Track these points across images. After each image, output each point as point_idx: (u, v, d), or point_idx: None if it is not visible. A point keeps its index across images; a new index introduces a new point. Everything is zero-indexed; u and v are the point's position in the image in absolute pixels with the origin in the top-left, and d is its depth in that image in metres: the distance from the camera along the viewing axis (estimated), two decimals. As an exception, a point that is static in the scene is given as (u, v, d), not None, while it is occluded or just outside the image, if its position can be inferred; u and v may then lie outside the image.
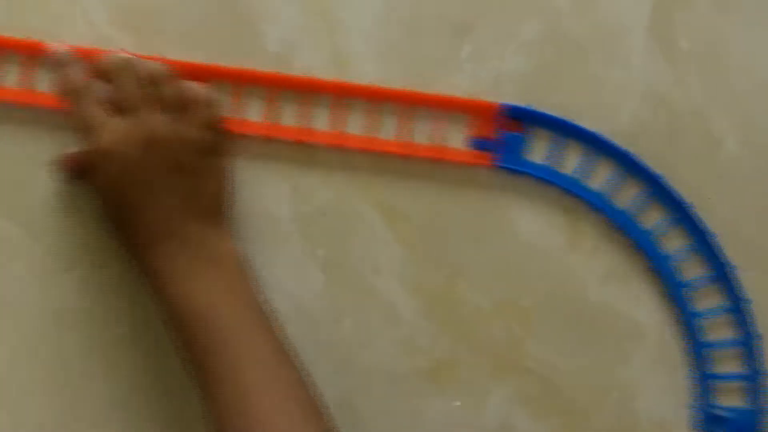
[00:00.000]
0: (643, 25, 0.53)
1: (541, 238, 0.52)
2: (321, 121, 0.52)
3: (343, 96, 0.51)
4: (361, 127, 0.52)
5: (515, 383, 0.52)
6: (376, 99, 0.52)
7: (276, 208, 0.50)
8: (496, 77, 0.52)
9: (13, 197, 0.51)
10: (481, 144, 0.52)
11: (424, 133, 0.52)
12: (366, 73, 0.52)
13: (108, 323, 0.51)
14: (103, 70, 0.48)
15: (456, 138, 0.52)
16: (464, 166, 0.52)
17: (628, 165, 0.52)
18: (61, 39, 0.52)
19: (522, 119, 0.52)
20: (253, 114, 0.51)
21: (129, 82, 0.47)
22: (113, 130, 0.46)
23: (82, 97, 0.48)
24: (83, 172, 0.49)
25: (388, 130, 0.52)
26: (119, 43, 0.52)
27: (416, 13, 0.52)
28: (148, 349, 0.51)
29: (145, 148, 0.46)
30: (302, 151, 0.52)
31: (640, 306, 0.52)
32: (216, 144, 0.48)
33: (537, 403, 0.52)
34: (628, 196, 0.52)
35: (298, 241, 0.51)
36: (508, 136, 0.52)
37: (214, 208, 0.48)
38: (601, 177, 0.52)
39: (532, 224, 0.52)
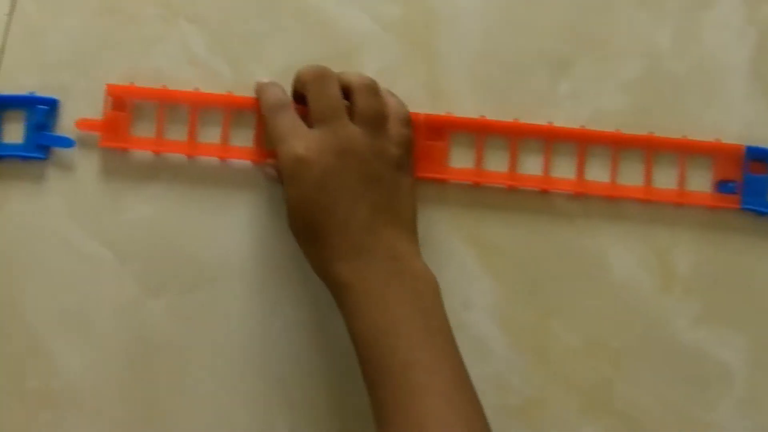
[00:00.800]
0: (743, 65, 0.52)
1: (634, 278, 0.52)
2: (564, 169, 0.52)
3: (585, 142, 0.51)
4: (602, 174, 0.52)
5: (603, 423, 0.51)
6: (618, 145, 0.51)
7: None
8: (593, 114, 0.52)
9: (105, 221, 0.52)
10: (726, 187, 0.51)
11: (666, 178, 0.52)
12: (462, 107, 0.52)
13: (192, 351, 0.51)
14: (301, 82, 0.48)
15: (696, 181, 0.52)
16: (557, 199, 0.52)
17: None
18: (156, 62, 0.52)
19: (766, 160, 0.51)
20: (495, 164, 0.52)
21: (326, 92, 0.47)
22: (309, 139, 0.46)
23: (278, 109, 0.48)
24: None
25: (630, 176, 0.52)
26: (216, 68, 0.52)
27: (516, 48, 0.52)
28: (233, 379, 0.51)
29: (340, 157, 0.45)
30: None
31: (731, 350, 0.52)
32: (406, 162, 0.48)
33: (624, 444, 0.51)
34: None
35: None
36: (752, 178, 0.51)
37: (406, 223, 0.47)
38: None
39: (625, 264, 0.52)
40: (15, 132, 0.52)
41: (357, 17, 0.52)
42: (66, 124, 0.52)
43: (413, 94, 0.52)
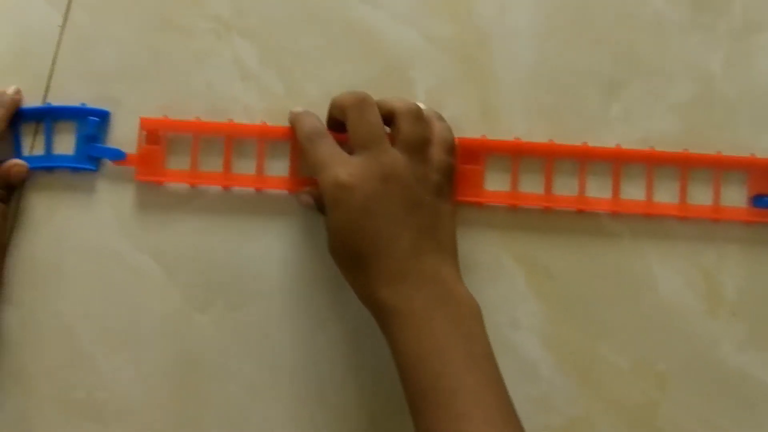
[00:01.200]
0: (794, 91, 0.52)
1: (681, 302, 0.51)
2: (601, 188, 0.52)
3: (620, 161, 0.52)
4: (637, 192, 0.52)
5: (648, 446, 0.51)
6: (652, 163, 0.52)
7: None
8: (643, 137, 0.52)
9: (154, 234, 0.52)
10: (761, 201, 0.52)
11: (701, 194, 0.52)
12: (513, 126, 0.52)
13: (235, 366, 0.51)
14: (340, 108, 0.48)
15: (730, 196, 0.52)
16: (603, 219, 0.52)
17: None
18: (207, 77, 0.52)
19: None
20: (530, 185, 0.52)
21: (366, 118, 0.47)
22: (351, 165, 0.46)
23: (316, 137, 0.48)
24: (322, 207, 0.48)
25: (666, 194, 0.52)
26: (268, 83, 0.52)
27: (567, 69, 0.52)
28: (276, 394, 0.51)
29: (383, 182, 0.45)
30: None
31: (777, 374, 0.52)
32: (446, 188, 0.48)
33: (668, 466, 0.51)
34: None
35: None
36: None
37: (448, 249, 0.47)
38: None
39: (671, 285, 0.52)
40: (66, 143, 0.52)
41: (409, 35, 0.52)
42: (117, 136, 0.52)
43: (464, 113, 0.52)
